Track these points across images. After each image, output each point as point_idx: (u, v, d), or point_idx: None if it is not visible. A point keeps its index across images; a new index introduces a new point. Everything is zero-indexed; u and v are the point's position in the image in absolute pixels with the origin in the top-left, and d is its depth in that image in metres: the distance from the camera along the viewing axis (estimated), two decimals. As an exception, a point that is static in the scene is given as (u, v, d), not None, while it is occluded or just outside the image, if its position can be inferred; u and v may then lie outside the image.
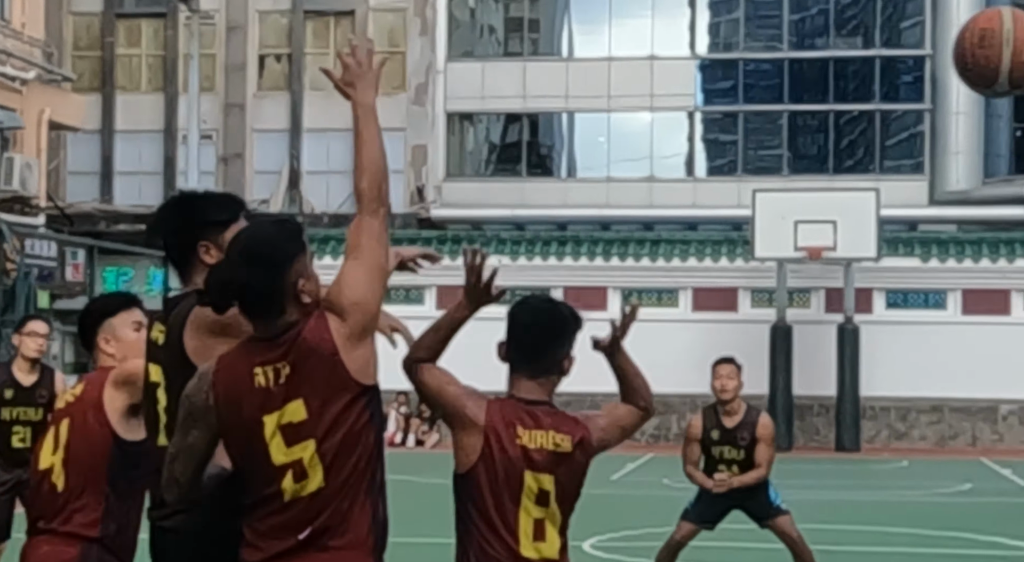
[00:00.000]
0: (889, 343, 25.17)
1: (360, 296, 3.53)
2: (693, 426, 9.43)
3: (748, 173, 41.52)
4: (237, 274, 3.54)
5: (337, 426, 3.51)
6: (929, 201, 41.20)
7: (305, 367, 3.52)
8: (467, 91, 42.08)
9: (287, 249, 3.59)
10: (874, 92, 42.32)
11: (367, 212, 3.57)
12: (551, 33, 44.39)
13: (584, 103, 42.39)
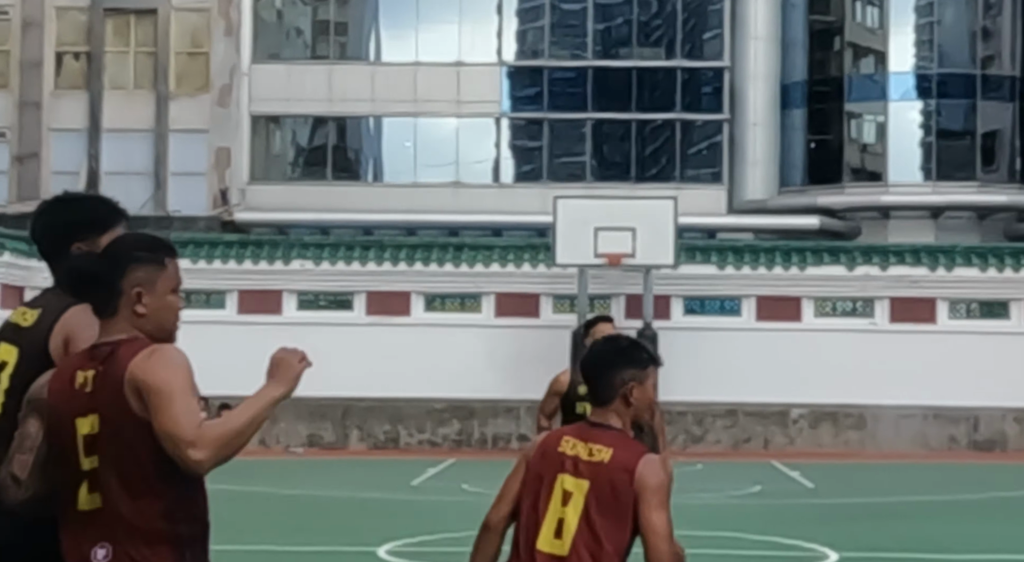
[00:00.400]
0: (686, 349, 25.66)
1: (165, 425, 3.47)
2: (558, 381, 9.27)
3: (553, 180, 41.94)
4: (86, 262, 3.70)
5: (120, 450, 3.51)
6: (727, 210, 42.19)
7: (105, 382, 3.54)
8: (273, 93, 41.63)
9: (138, 254, 3.65)
10: (675, 102, 43.16)
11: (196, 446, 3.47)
12: (359, 37, 44.21)
13: (391, 107, 42.33)
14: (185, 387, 3.48)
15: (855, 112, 43.02)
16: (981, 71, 41.93)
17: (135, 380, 3.49)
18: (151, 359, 3.50)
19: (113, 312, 3.63)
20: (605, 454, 4.33)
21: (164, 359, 3.52)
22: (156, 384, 3.46)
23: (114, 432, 3.52)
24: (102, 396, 3.53)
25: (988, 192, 41.03)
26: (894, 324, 26.07)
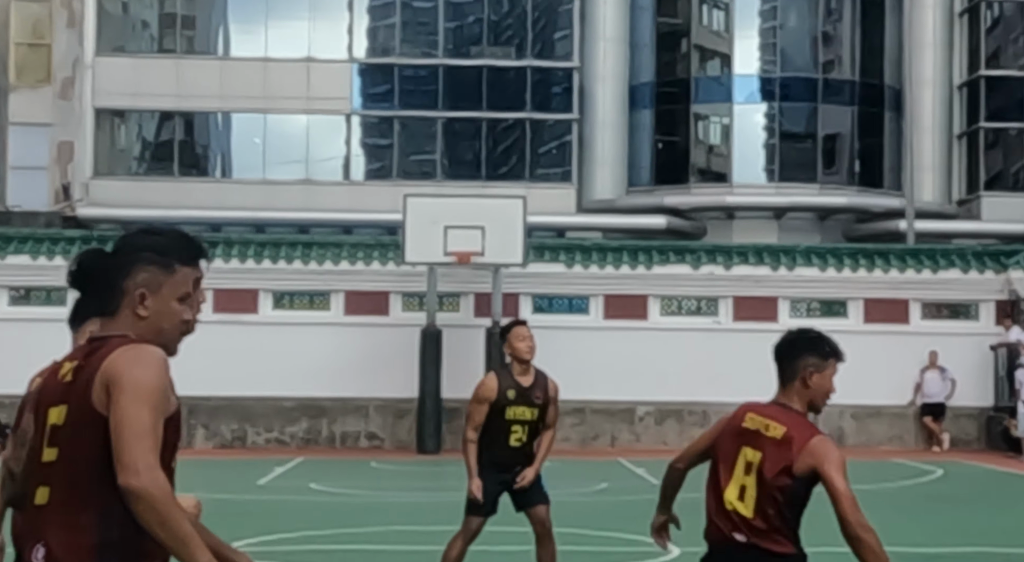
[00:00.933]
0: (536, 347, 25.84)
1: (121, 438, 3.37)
2: (487, 387, 9.22)
3: (403, 178, 41.90)
4: (91, 257, 3.62)
5: (75, 445, 3.43)
6: (576, 209, 42.58)
7: (81, 374, 3.47)
8: (118, 87, 40.89)
9: (146, 255, 3.57)
10: (525, 101, 43.41)
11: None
12: (207, 31, 43.65)
13: (240, 103, 41.88)
14: (152, 397, 3.38)
15: (701, 114, 43.73)
16: (822, 75, 42.95)
17: (106, 373, 3.41)
18: (127, 354, 3.42)
19: (114, 311, 3.56)
20: (778, 431, 5.19)
21: (141, 358, 3.43)
22: (121, 382, 3.37)
23: (77, 427, 3.44)
24: (75, 388, 3.46)
25: (829, 194, 42.04)
26: (737, 323, 26.56)
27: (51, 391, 3.54)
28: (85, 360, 3.50)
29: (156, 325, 3.54)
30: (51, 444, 3.46)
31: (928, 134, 42.64)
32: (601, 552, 12.13)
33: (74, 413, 3.44)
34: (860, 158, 43.36)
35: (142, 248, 3.58)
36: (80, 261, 3.63)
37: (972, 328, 26.73)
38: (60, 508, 3.41)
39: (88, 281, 3.62)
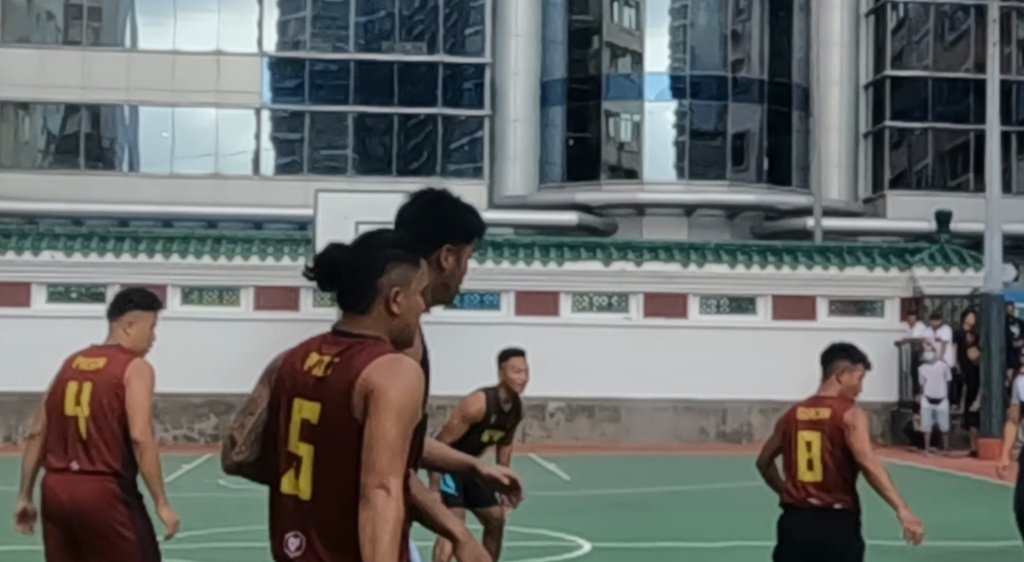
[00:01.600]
0: (446, 343, 25.71)
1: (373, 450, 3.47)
2: (477, 408, 9.49)
3: (314, 172, 41.65)
4: (340, 253, 3.64)
5: (334, 444, 3.50)
6: (488, 205, 42.55)
7: (338, 374, 3.53)
8: (23, 78, 40.23)
9: (397, 253, 3.66)
10: (437, 97, 43.37)
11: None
12: (114, 22, 43.09)
13: (147, 96, 41.39)
14: (408, 414, 3.49)
15: (612, 111, 43.95)
16: (732, 74, 43.35)
17: (368, 384, 3.48)
18: (390, 368, 3.50)
19: (366, 309, 3.62)
20: (827, 413, 7.15)
21: (403, 374, 3.52)
22: (383, 396, 3.46)
23: (333, 427, 3.51)
24: (331, 388, 3.53)
25: (738, 191, 42.45)
26: (648, 319, 26.71)
27: (299, 382, 3.59)
28: (340, 358, 3.55)
29: (405, 320, 3.66)
30: (305, 440, 3.53)
31: (835, 133, 43.21)
32: (511, 547, 12.14)
33: (330, 414, 3.51)
34: (769, 156, 43.83)
35: (391, 245, 3.68)
36: (328, 259, 3.66)
37: (877, 324, 27.10)
38: (323, 504, 3.50)
39: (338, 279, 3.65)
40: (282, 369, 3.67)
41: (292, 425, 3.57)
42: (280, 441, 3.59)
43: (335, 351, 3.57)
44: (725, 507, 15.80)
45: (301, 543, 3.52)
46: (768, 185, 43.03)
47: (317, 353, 3.60)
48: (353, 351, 3.55)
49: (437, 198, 4.15)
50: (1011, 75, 40.95)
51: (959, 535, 11.27)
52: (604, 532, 13.03)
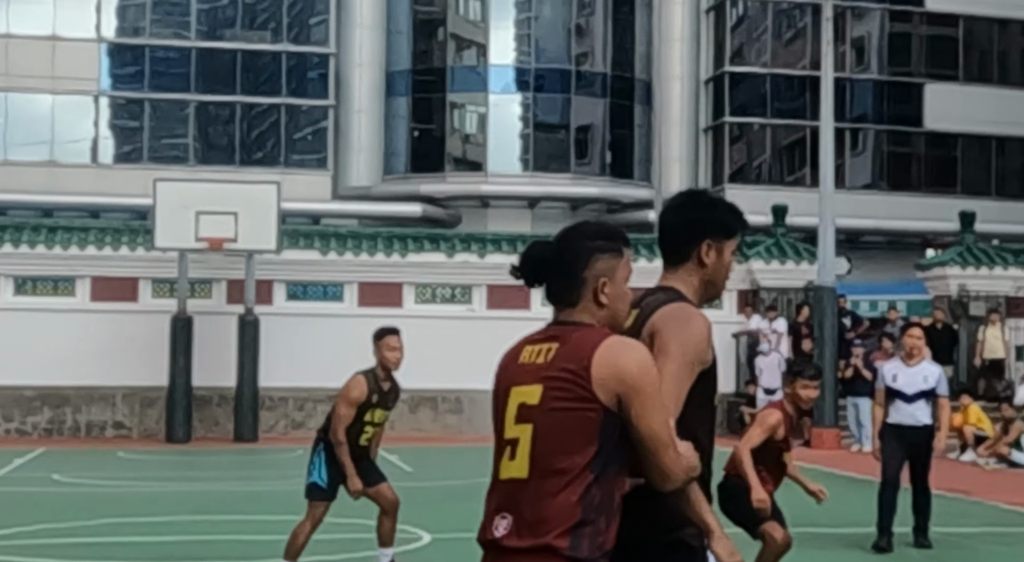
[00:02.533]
0: (289, 334, 25.62)
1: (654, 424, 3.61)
2: (359, 390, 9.61)
3: (154, 161, 40.96)
4: (544, 250, 3.72)
5: (554, 425, 3.56)
6: (332, 196, 42.34)
7: (560, 358, 3.59)
8: None
9: (599, 244, 3.73)
10: (281, 86, 42.95)
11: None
12: (-55, 5, 41.80)
13: (-21, 81, 40.28)
14: (658, 387, 3.61)
15: (457, 102, 43.99)
16: (575, 67, 43.71)
17: (612, 372, 3.54)
18: (627, 352, 3.59)
19: (575, 301, 3.71)
20: None
21: (641, 358, 3.61)
22: (639, 385, 3.55)
23: (561, 406, 3.56)
24: (555, 370, 3.59)
25: (581, 184, 42.84)
26: (491, 310, 26.81)
27: (515, 374, 3.68)
28: (560, 342, 3.63)
29: (613, 309, 3.73)
30: (522, 421, 3.61)
31: (676, 127, 43.86)
32: (350, 539, 12.11)
33: (552, 394, 3.57)
34: (611, 149, 44.32)
35: (594, 236, 3.76)
36: (534, 256, 3.75)
37: (715, 316, 27.42)
38: (536, 482, 3.55)
39: (545, 274, 3.73)
40: (499, 372, 3.79)
41: (508, 412, 3.66)
42: (499, 430, 3.71)
43: (552, 337, 3.68)
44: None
45: (509, 523, 3.58)
46: (611, 178, 43.51)
47: (531, 345, 3.71)
48: (572, 336, 3.64)
49: (694, 196, 4.34)
50: (845, 73, 42.01)
51: (791, 522, 11.52)
52: (444, 523, 13.05)
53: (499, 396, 3.72)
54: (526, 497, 3.56)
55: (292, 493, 16.21)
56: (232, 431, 24.89)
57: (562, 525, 3.50)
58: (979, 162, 45.85)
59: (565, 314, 3.72)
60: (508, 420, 3.66)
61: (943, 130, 45.29)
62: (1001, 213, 41.66)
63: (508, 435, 3.65)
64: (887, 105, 45.34)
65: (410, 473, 19.08)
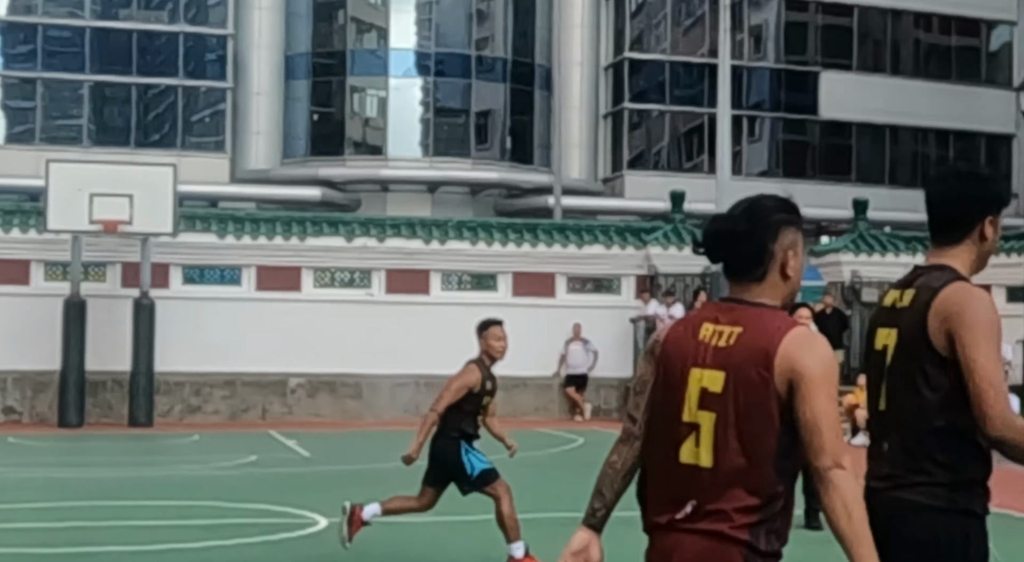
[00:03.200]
0: (185, 318, 25.35)
1: (817, 426, 3.53)
2: (475, 376, 9.99)
3: (47, 142, 40.30)
4: (732, 224, 3.62)
5: (738, 414, 3.51)
6: (230, 179, 41.96)
7: (745, 344, 3.54)
8: None
9: (784, 217, 3.66)
10: (178, 68, 42.44)
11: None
12: None
13: None
14: (834, 391, 3.56)
15: (358, 86, 43.80)
16: (476, 52, 43.71)
17: (790, 362, 3.49)
18: (810, 345, 3.54)
19: (762, 275, 3.63)
20: None
21: (822, 352, 3.56)
22: (811, 376, 3.48)
23: (739, 395, 3.52)
24: (739, 357, 3.53)
25: (481, 169, 42.87)
26: (390, 295, 26.75)
27: (694, 352, 3.61)
28: (744, 327, 3.57)
29: (795, 284, 3.69)
30: (705, 408, 3.55)
31: (576, 113, 44.04)
32: (250, 524, 12.04)
33: (736, 383, 3.52)
34: (511, 135, 44.40)
35: (779, 209, 3.69)
36: (720, 229, 3.66)
37: (614, 302, 27.78)
38: (720, 471, 3.51)
39: (732, 248, 3.65)
40: (668, 343, 3.69)
41: (688, 395, 3.58)
42: (673, 411, 3.61)
43: (735, 320, 3.60)
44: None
45: (692, 510, 3.55)
46: (511, 163, 43.59)
47: (712, 323, 3.62)
48: (756, 321, 3.58)
49: (972, 172, 4.19)
50: (742, 61, 42.46)
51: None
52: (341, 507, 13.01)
53: (672, 372, 3.65)
54: (710, 485, 3.53)
55: (187, 478, 16.12)
56: (127, 416, 24.59)
57: (745, 517, 3.50)
58: (872, 150, 46.62)
59: (747, 291, 3.65)
60: (688, 403, 3.59)
61: (838, 119, 45.97)
62: (893, 201, 42.40)
63: (687, 418, 3.58)
64: (783, 93, 45.91)
65: (308, 458, 19.00)
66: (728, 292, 3.71)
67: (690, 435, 3.58)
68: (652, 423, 3.70)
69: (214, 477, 16.44)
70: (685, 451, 3.58)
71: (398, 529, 11.37)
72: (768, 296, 3.64)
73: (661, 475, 3.65)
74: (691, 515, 3.55)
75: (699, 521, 3.53)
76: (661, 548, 3.62)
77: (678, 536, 3.56)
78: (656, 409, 3.68)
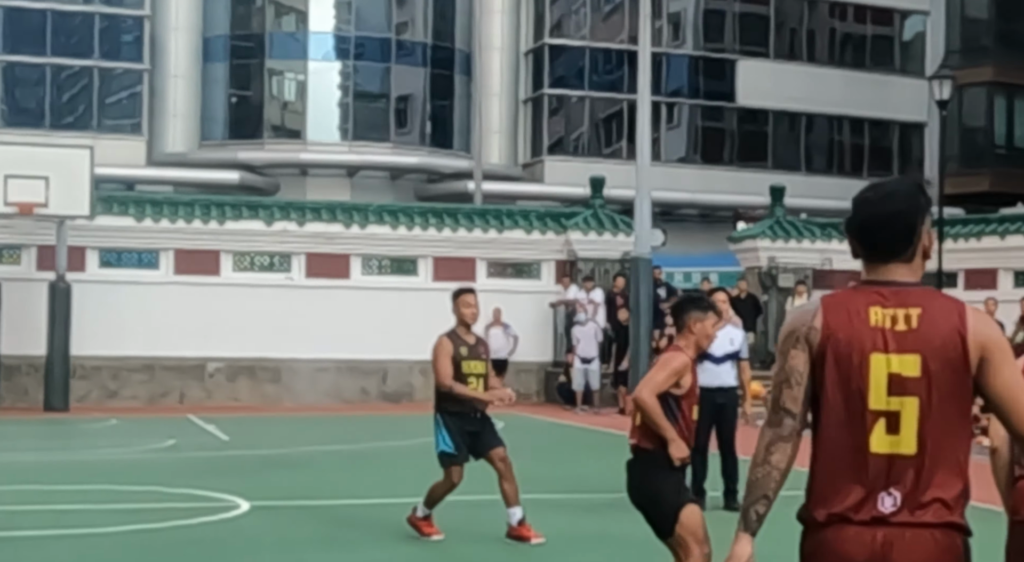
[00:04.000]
0: (102, 302, 25.12)
1: None
2: (444, 345, 10.49)
3: (-40, 124, 39.65)
4: (890, 206, 3.59)
5: (939, 397, 3.48)
6: (147, 162, 41.55)
7: (930, 328, 3.51)
8: None
9: (926, 199, 3.68)
10: (93, 49, 41.92)
11: None
12: None
13: None
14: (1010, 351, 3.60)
15: (276, 69, 43.53)
16: (396, 36, 43.59)
17: (980, 337, 3.52)
18: (986, 319, 3.59)
19: (911, 257, 3.62)
20: None
21: (995, 323, 3.65)
22: (1001, 347, 3.54)
23: (946, 377, 3.49)
24: (933, 339, 3.50)
25: (401, 153, 42.79)
26: (310, 279, 26.68)
27: (871, 337, 3.53)
28: (923, 308, 3.54)
29: (923, 266, 3.71)
30: (901, 393, 3.48)
31: (496, 98, 44.07)
32: (171, 508, 12.00)
33: (935, 365, 3.49)
34: (432, 120, 44.35)
35: (921, 193, 3.69)
36: (883, 211, 3.62)
37: (534, 286, 27.90)
38: (928, 457, 3.46)
39: (892, 229, 3.62)
40: (833, 329, 3.56)
41: (874, 382, 3.49)
42: (855, 400, 3.51)
43: (905, 302, 3.55)
44: (381, 464, 16.02)
45: (896, 500, 3.46)
46: (431, 148, 43.55)
47: (879, 307, 3.54)
48: (930, 300, 3.57)
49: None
50: (662, 48, 42.71)
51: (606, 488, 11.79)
52: (261, 491, 13.01)
53: (846, 359, 3.53)
54: (917, 473, 3.46)
55: (104, 463, 16.01)
56: (42, 400, 24.33)
57: (960, 502, 3.48)
58: (789, 138, 47.11)
59: (893, 272, 3.61)
60: (875, 390, 3.50)
61: (755, 106, 46.40)
62: (809, 188, 42.90)
63: (876, 406, 3.49)
64: (702, 80, 46.24)
65: (227, 442, 18.94)
66: (865, 275, 3.65)
67: (878, 423, 3.49)
68: (825, 414, 3.57)
69: (132, 461, 16.35)
70: (876, 440, 3.49)
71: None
72: (913, 275, 3.64)
73: (844, 467, 3.53)
74: (902, 507, 3.46)
75: (918, 512, 3.46)
76: (860, 543, 3.47)
77: (892, 531, 3.45)
78: (828, 400, 3.56)
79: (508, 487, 10.29)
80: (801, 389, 3.60)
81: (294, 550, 10.11)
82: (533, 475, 14.79)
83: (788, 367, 3.61)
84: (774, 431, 3.65)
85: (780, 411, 3.63)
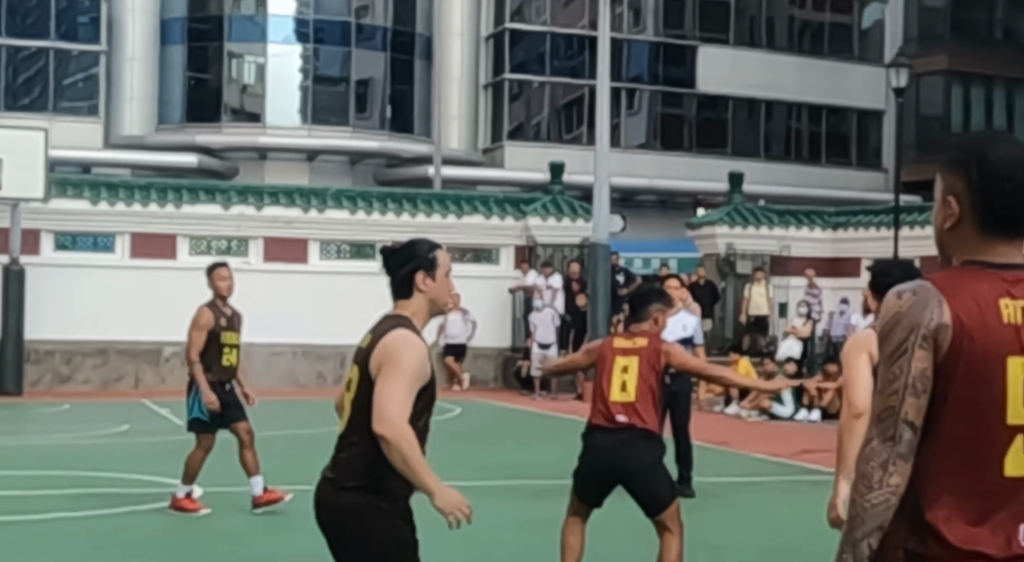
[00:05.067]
0: (57, 286, 24.94)
1: None
2: (205, 315, 11.12)
3: (-88, 104, 39.23)
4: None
5: None
6: (104, 144, 41.25)
7: None
8: None
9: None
10: (49, 30, 41.55)
11: None
12: None
13: None
14: None
15: (235, 52, 43.27)
16: (356, 20, 43.41)
17: None
18: None
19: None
20: (644, 341, 7.64)
21: None
22: None
23: None
24: None
25: (360, 138, 42.65)
26: (268, 263, 26.56)
27: (1007, 337, 2.90)
28: None
29: None
30: None
31: (456, 83, 43.97)
32: (122, 494, 11.93)
33: None
34: (391, 104, 44.20)
35: None
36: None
37: (493, 272, 27.87)
38: None
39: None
40: (967, 328, 2.92)
41: (1012, 391, 2.89)
42: (987, 413, 2.90)
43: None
44: (327, 449, 15.93)
45: None
46: (390, 133, 43.42)
47: (1009, 298, 2.94)
48: None
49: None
50: (622, 34, 42.72)
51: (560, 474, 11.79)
52: (212, 477, 12.92)
53: (980, 364, 2.92)
54: None
55: (58, 447, 15.89)
56: (-4, 385, 24.13)
57: None
58: (747, 124, 47.23)
59: (1018, 254, 3.04)
60: (1013, 401, 2.90)
61: (714, 92, 46.48)
62: (767, 174, 43.05)
63: (1014, 421, 2.90)
64: (662, 66, 46.28)
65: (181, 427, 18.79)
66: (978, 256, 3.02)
67: (1015, 440, 2.91)
68: (943, 429, 2.95)
69: (85, 446, 16.24)
70: (1012, 461, 2.91)
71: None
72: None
73: (970, 492, 2.92)
74: None
75: None
76: None
77: None
78: (950, 412, 2.94)
79: (250, 456, 11.15)
80: (927, 398, 2.95)
81: (243, 537, 10.06)
82: (487, 461, 14.78)
83: (913, 370, 2.94)
84: (891, 447, 2.95)
85: (901, 423, 2.95)
